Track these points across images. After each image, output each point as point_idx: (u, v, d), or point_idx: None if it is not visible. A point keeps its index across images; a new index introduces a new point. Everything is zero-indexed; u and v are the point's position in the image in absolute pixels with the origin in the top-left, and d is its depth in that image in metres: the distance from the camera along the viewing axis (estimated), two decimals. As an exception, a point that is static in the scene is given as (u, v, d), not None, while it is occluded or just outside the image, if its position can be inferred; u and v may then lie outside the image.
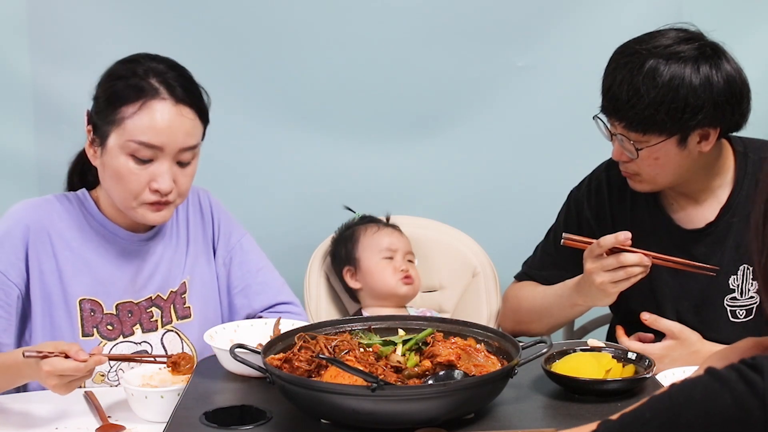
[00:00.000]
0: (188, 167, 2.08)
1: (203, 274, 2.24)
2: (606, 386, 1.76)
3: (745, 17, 3.12)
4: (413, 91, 3.17)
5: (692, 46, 2.09)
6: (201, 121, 2.09)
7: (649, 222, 2.28)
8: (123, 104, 2.02)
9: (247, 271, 2.27)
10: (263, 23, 3.12)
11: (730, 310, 2.22)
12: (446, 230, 2.89)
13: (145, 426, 1.85)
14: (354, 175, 3.19)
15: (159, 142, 2.01)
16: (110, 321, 2.12)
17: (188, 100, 2.05)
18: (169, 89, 2.04)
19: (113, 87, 2.05)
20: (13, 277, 2.06)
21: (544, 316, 2.36)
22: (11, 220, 2.11)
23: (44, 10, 3.06)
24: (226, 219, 2.29)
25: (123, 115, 2.01)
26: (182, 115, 2.03)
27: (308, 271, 2.78)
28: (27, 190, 3.11)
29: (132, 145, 2.01)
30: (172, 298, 2.19)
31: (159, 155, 2.02)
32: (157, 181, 2.02)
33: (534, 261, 2.48)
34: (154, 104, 2.02)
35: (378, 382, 1.55)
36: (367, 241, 2.71)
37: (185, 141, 2.04)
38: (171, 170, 2.04)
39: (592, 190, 2.37)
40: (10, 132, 3.08)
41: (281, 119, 3.16)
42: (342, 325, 1.88)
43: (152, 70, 2.06)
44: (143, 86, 2.03)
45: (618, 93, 2.09)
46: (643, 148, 2.11)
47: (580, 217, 2.37)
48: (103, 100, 2.06)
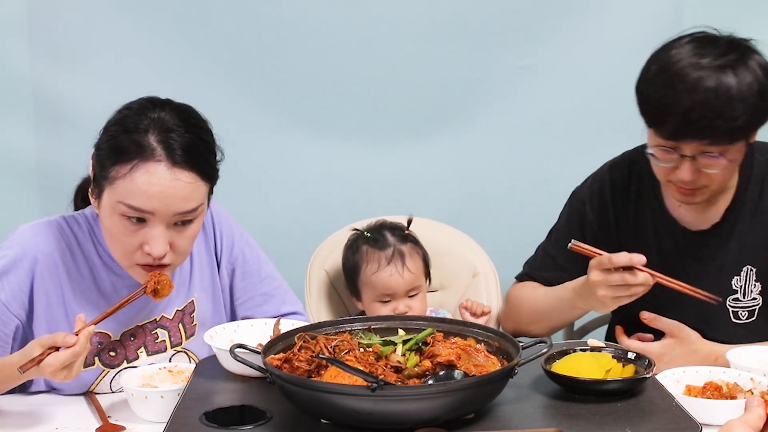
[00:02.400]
0: (189, 228, 1.94)
1: (209, 288, 2.18)
2: (606, 386, 1.76)
3: (745, 17, 3.12)
4: (413, 92, 3.18)
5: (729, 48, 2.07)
6: (204, 181, 1.94)
7: (653, 223, 2.27)
8: (116, 163, 1.88)
9: (250, 282, 2.22)
10: (263, 24, 3.12)
11: (732, 311, 2.22)
12: (447, 230, 2.89)
13: (145, 426, 1.85)
14: (354, 176, 3.19)
15: (150, 208, 1.88)
16: (113, 347, 2.07)
17: (187, 162, 1.89)
18: (167, 150, 1.88)
19: (112, 139, 1.92)
20: (14, 308, 1.98)
21: (545, 318, 2.36)
22: (19, 248, 2.00)
23: (44, 10, 3.06)
24: (228, 228, 2.21)
25: (115, 175, 1.88)
26: (178, 179, 1.88)
27: (308, 271, 2.77)
28: (27, 190, 3.12)
29: (122, 207, 1.88)
30: (179, 318, 2.13)
31: (152, 219, 1.89)
32: (150, 245, 1.90)
33: (535, 262, 2.47)
34: (147, 167, 1.87)
35: (378, 382, 1.55)
36: (366, 278, 2.57)
37: (180, 206, 1.90)
38: (166, 234, 1.90)
39: (594, 191, 2.36)
40: (10, 132, 3.08)
41: (282, 120, 3.17)
42: (342, 325, 1.88)
43: (156, 124, 1.90)
44: (141, 144, 1.88)
45: (699, 115, 2.00)
46: (723, 157, 2.06)
47: (583, 219, 2.36)
48: (102, 151, 1.93)
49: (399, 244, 2.59)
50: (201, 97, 3.10)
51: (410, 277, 2.55)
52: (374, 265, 2.56)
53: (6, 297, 1.98)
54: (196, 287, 2.15)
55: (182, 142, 1.90)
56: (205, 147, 1.95)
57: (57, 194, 3.19)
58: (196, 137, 1.93)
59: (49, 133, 3.07)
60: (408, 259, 2.57)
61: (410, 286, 2.56)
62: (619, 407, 1.70)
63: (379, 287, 2.55)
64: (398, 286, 2.55)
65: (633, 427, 1.62)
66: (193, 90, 3.10)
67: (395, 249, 2.57)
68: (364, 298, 2.60)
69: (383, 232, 2.62)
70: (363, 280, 2.58)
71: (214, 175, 1.98)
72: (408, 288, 2.56)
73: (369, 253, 2.58)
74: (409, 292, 2.57)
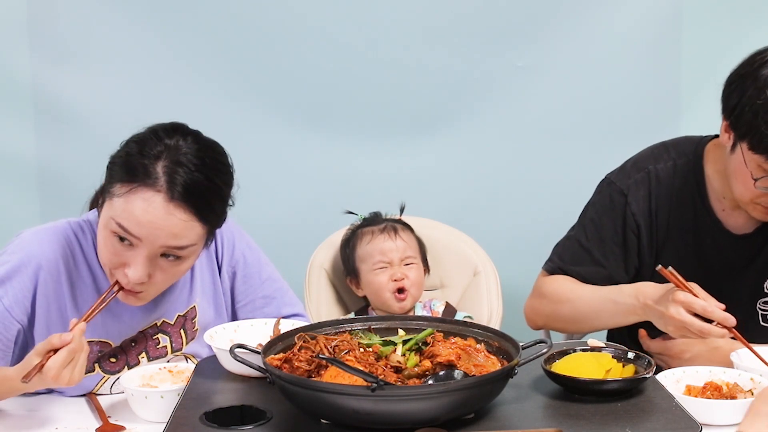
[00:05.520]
0: (176, 265, 1.93)
1: (211, 293, 2.18)
2: (606, 386, 1.76)
3: (745, 18, 3.13)
4: (413, 92, 3.18)
5: None
6: (202, 223, 1.90)
7: (694, 222, 2.23)
8: (120, 180, 1.87)
9: (251, 285, 2.21)
10: (262, 24, 3.12)
11: (761, 314, 2.21)
12: (447, 229, 2.89)
13: (145, 426, 1.86)
14: (354, 175, 3.19)
15: (138, 234, 1.86)
16: (113, 353, 2.06)
17: (186, 201, 1.86)
18: (170, 182, 1.85)
19: (126, 156, 1.90)
20: (17, 314, 1.97)
21: (592, 319, 2.26)
22: (23, 253, 1.99)
23: (44, 10, 3.07)
24: (228, 231, 2.19)
25: (116, 192, 1.87)
26: (172, 213, 1.85)
27: (308, 271, 2.78)
28: (27, 190, 3.12)
29: (114, 225, 1.87)
30: (181, 323, 2.13)
31: (139, 244, 1.87)
32: (130, 269, 1.89)
33: (566, 253, 2.34)
34: (146, 193, 1.85)
35: (378, 382, 1.55)
36: (361, 251, 2.69)
37: (167, 241, 1.87)
38: (148, 263, 1.89)
39: (638, 182, 2.26)
40: (10, 132, 3.09)
41: (282, 119, 3.17)
42: (342, 325, 1.88)
43: (170, 153, 1.87)
44: (146, 169, 1.85)
45: None
46: None
47: (624, 211, 2.26)
48: (115, 165, 1.92)
49: (391, 223, 2.74)
50: (200, 96, 3.14)
51: (402, 244, 2.69)
52: (368, 236, 2.70)
53: (9, 302, 1.97)
54: (197, 292, 2.15)
55: (187, 179, 1.86)
56: (212, 190, 1.91)
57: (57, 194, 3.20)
58: (205, 178, 1.89)
59: (49, 133, 3.07)
60: (400, 231, 2.71)
61: (404, 254, 2.68)
62: (619, 407, 1.70)
63: (375, 253, 2.67)
64: (391, 251, 2.67)
65: (633, 427, 1.62)
66: (193, 90, 3.12)
67: (388, 224, 2.72)
68: (362, 275, 2.69)
69: (376, 216, 2.78)
70: (359, 255, 2.69)
71: (215, 220, 1.95)
72: (402, 255, 2.68)
73: (363, 231, 2.73)
74: (404, 261, 2.68)
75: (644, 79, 3.16)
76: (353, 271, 2.72)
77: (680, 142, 2.30)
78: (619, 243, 2.27)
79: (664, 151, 2.30)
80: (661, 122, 3.16)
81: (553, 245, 2.40)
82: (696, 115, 3.12)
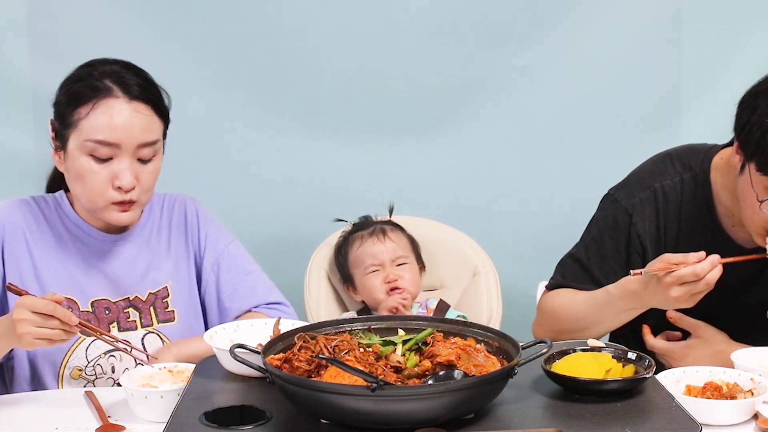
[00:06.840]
0: (149, 164, 2.11)
1: (185, 281, 2.27)
2: (606, 386, 1.76)
3: (745, 18, 3.13)
4: (413, 92, 3.18)
5: None
6: (159, 117, 2.12)
7: (703, 238, 2.18)
8: (78, 105, 2.06)
9: (236, 275, 2.29)
10: (262, 23, 3.12)
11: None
12: (447, 230, 2.89)
13: (145, 426, 1.86)
14: (354, 175, 3.19)
15: (115, 140, 2.05)
16: (87, 318, 2.14)
17: (143, 96, 2.09)
18: (123, 87, 2.07)
19: (70, 90, 2.10)
20: None
21: (593, 324, 2.23)
22: None
23: (44, 10, 3.07)
24: (213, 228, 2.31)
25: (79, 116, 2.06)
26: (137, 111, 2.07)
27: (308, 271, 2.78)
28: (27, 190, 3.10)
29: (89, 145, 2.05)
30: (152, 300, 2.23)
31: (118, 153, 2.06)
32: (119, 178, 2.06)
33: (569, 272, 2.32)
34: (108, 102, 2.06)
35: (378, 382, 1.55)
36: (353, 256, 2.73)
37: (142, 137, 2.07)
38: (132, 167, 2.07)
39: (643, 200, 2.23)
40: (10, 132, 3.09)
41: (281, 120, 3.17)
42: (342, 325, 1.88)
43: (107, 72, 2.10)
44: (97, 86, 2.07)
45: None
46: None
47: (629, 231, 2.23)
48: (62, 104, 2.11)
49: (380, 225, 2.76)
50: (200, 96, 3.14)
51: (392, 245, 2.71)
52: (358, 242, 2.73)
53: None
54: (169, 275, 2.25)
55: (136, 82, 2.10)
56: (156, 87, 2.13)
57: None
58: (145, 79, 2.13)
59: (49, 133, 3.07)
60: (389, 232, 2.73)
61: (394, 254, 2.70)
62: (619, 407, 1.70)
63: (366, 257, 2.69)
64: (381, 253, 2.69)
65: (633, 427, 1.62)
66: (193, 91, 3.12)
67: (376, 227, 2.74)
68: (356, 280, 2.71)
69: (366, 220, 2.81)
70: (352, 261, 2.71)
71: (167, 114, 2.15)
72: (393, 256, 2.70)
73: (353, 237, 2.75)
74: (396, 261, 2.70)
75: (644, 79, 3.16)
76: (348, 278, 2.74)
77: (685, 153, 2.25)
78: (621, 263, 2.23)
79: (669, 164, 2.25)
80: (661, 122, 3.16)
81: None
82: (696, 115, 3.13)
